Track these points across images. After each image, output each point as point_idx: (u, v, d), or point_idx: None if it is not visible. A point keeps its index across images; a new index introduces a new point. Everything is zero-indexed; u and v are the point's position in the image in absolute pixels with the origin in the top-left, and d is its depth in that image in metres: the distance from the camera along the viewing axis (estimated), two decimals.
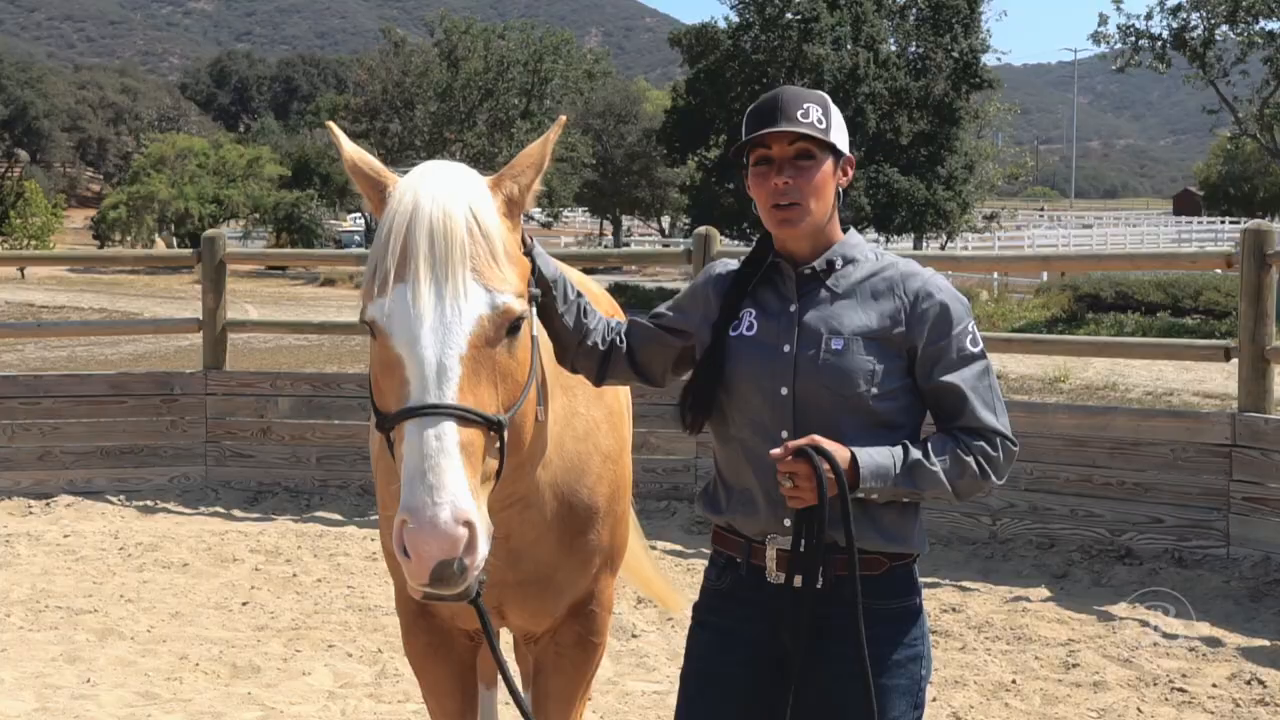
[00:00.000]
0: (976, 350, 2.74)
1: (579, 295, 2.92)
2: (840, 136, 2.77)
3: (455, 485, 2.33)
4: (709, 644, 2.82)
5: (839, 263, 2.78)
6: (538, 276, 2.80)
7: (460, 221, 2.51)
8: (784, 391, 2.71)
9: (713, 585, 2.86)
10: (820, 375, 2.68)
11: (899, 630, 2.73)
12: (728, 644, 2.79)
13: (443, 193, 2.54)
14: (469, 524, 2.32)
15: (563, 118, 2.96)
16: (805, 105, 2.73)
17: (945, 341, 2.71)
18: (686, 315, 2.91)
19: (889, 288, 2.74)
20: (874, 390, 2.68)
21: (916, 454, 2.65)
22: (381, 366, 2.53)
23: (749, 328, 2.78)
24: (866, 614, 2.62)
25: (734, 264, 2.91)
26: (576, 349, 2.91)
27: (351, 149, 2.73)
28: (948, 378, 2.70)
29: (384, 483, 3.06)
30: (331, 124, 2.90)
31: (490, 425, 2.46)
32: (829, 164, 2.74)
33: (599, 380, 2.98)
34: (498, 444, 2.50)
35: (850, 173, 2.82)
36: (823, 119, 2.73)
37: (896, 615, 2.73)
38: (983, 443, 2.70)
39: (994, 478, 2.71)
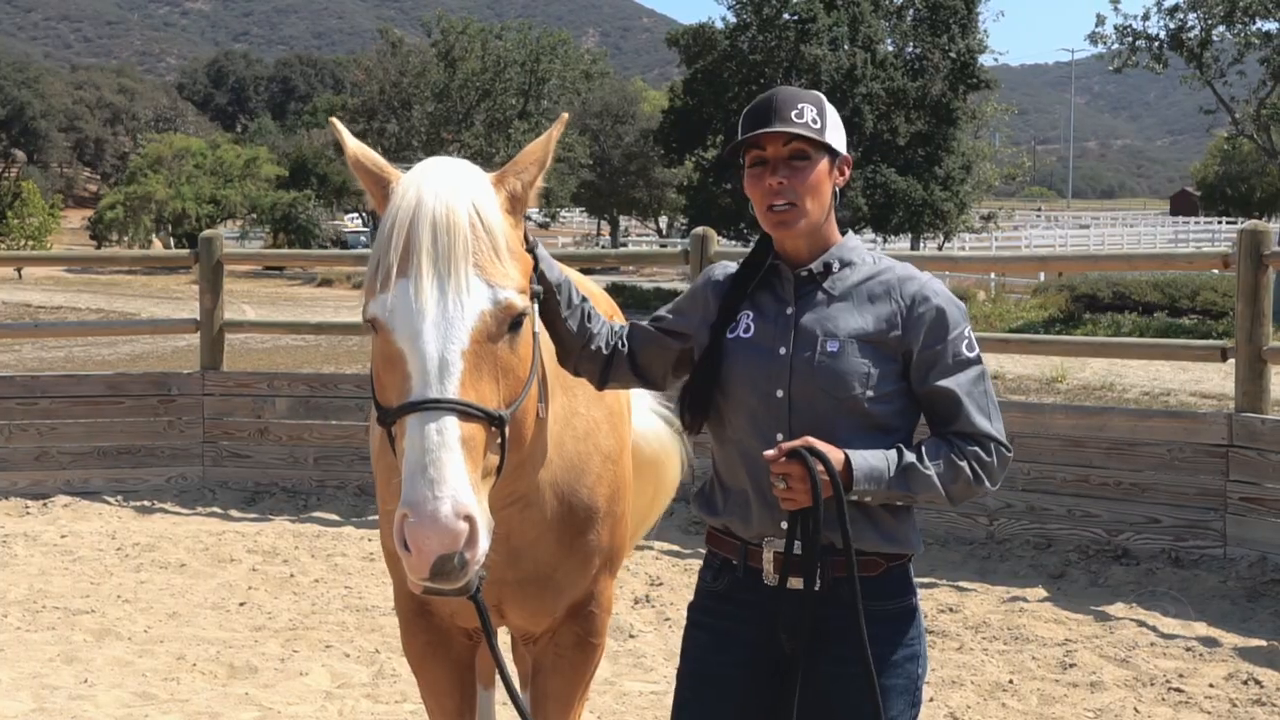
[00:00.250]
0: (972, 355, 2.74)
1: (583, 300, 2.92)
2: (836, 136, 2.77)
3: (456, 480, 2.33)
4: (706, 645, 2.83)
5: (836, 265, 2.79)
6: (541, 278, 2.80)
7: (463, 217, 2.52)
8: (780, 394, 2.71)
9: (708, 587, 2.87)
10: (815, 378, 2.69)
11: (896, 630, 2.74)
12: (724, 645, 2.79)
13: (446, 188, 2.54)
14: (469, 518, 2.32)
15: (565, 115, 2.96)
16: (800, 105, 2.73)
17: (941, 346, 2.72)
18: (686, 318, 2.92)
19: (886, 291, 2.75)
20: (869, 393, 2.68)
21: (910, 457, 2.65)
22: (383, 361, 2.53)
23: (746, 330, 2.79)
24: (864, 615, 2.63)
25: (733, 267, 2.91)
26: (580, 353, 2.92)
27: (355, 144, 2.74)
28: (943, 382, 2.71)
29: (384, 478, 3.07)
30: (335, 120, 2.91)
31: (492, 420, 2.47)
32: (824, 164, 2.74)
33: (601, 384, 2.98)
34: (499, 440, 2.50)
35: (847, 172, 2.82)
36: (818, 119, 2.73)
37: (893, 615, 2.74)
38: (977, 448, 2.70)
39: (988, 483, 2.72)
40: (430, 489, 2.31)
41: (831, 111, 2.78)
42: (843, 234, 2.85)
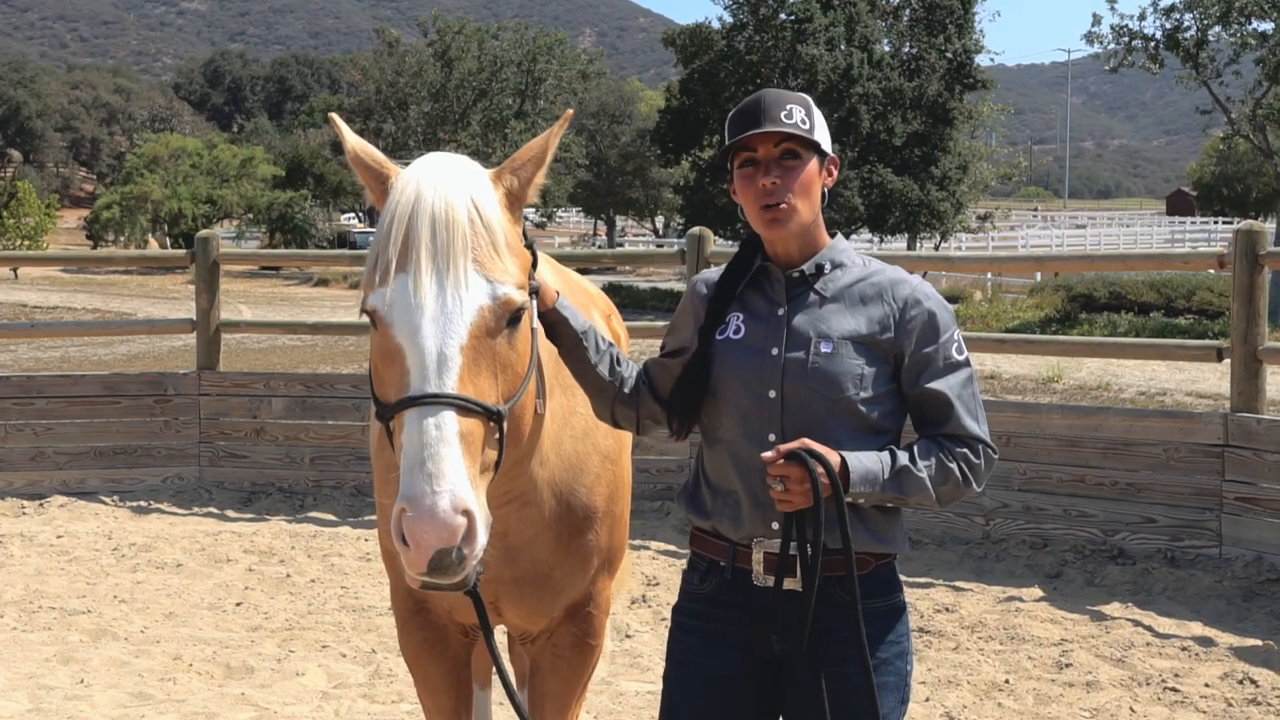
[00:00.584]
0: (961, 358, 2.77)
1: (610, 345, 2.93)
2: (823, 136, 2.78)
3: (454, 474, 2.33)
4: (694, 649, 2.83)
5: (828, 267, 2.80)
6: (564, 325, 2.83)
7: (462, 212, 2.52)
8: (772, 394, 2.72)
9: (695, 589, 2.86)
10: (809, 379, 2.70)
11: (885, 628, 2.76)
12: (713, 648, 2.79)
13: (445, 183, 2.55)
14: (468, 513, 2.32)
15: (570, 112, 2.96)
16: (788, 106, 2.74)
17: (932, 349, 2.73)
18: (679, 334, 2.93)
19: (878, 293, 2.76)
20: (862, 394, 2.70)
21: (904, 459, 2.67)
22: (382, 356, 2.53)
23: (736, 331, 2.80)
24: (855, 615, 2.64)
25: (716, 275, 2.92)
26: (615, 397, 2.91)
27: (354, 140, 2.74)
28: (934, 385, 2.73)
29: (383, 474, 3.06)
30: (334, 116, 2.91)
31: (490, 415, 2.47)
32: (814, 163, 2.76)
33: (639, 428, 2.95)
34: (497, 435, 2.50)
35: (835, 173, 2.83)
36: (806, 119, 2.74)
37: (882, 614, 2.75)
38: (966, 450, 2.72)
39: (975, 485, 2.75)
40: (428, 483, 2.31)
41: (817, 112, 2.80)
42: (831, 236, 2.86)
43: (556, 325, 2.84)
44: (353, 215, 58.64)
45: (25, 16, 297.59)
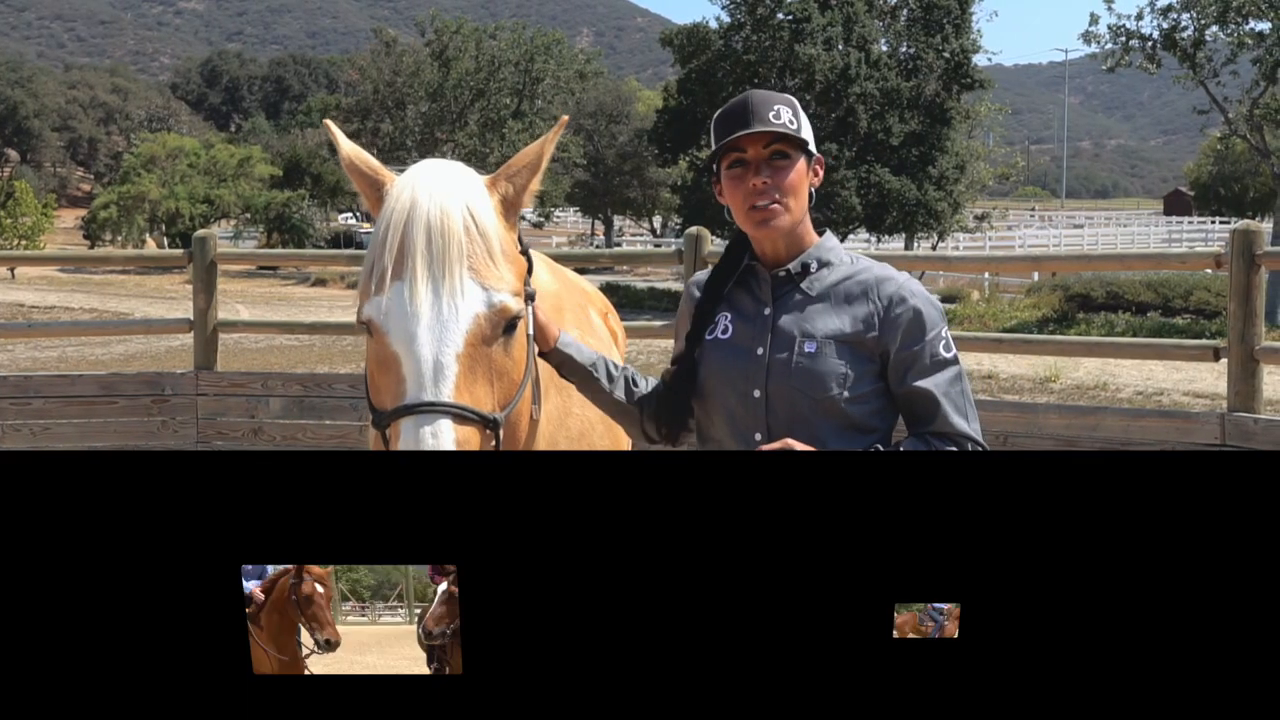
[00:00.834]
0: (949, 356, 2.76)
1: (621, 368, 2.94)
2: (809, 136, 2.80)
3: None
4: None
5: (814, 265, 2.81)
6: (570, 362, 2.84)
7: (458, 219, 2.52)
8: (756, 394, 2.73)
9: None
10: (792, 378, 2.70)
11: None
12: None
13: (440, 191, 2.55)
14: None
15: (564, 118, 2.97)
16: (776, 106, 2.75)
17: (919, 347, 2.73)
18: (680, 339, 2.94)
19: (863, 292, 2.76)
20: (846, 393, 2.70)
21: None
22: (378, 364, 2.53)
23: (724, 331, 2.81)
24: None
25: (706, 276, 2.93)
26: (641, 418, 2.92)
27: (349, 147, 2.74)
28: (921, 383, 2.72)
29: None
30: (329, 122, 2.91)
31: (486, 424, 2.47)
32: (803, 163, 2.77)
33: (672, 438, 2.95)
34: (493, 442, 2.50)
35: (820, 172, 2.84)
36: (794, 119, 2.76)
37: None
38: (954, 448, 2.72)
39: None
40: None
41: (802, 113, 2.81)
42: (820, 234, 2.87)
43: (563, 364, 2.86)
44: (350, 215, 58.58)
45: (23, 16, 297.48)
